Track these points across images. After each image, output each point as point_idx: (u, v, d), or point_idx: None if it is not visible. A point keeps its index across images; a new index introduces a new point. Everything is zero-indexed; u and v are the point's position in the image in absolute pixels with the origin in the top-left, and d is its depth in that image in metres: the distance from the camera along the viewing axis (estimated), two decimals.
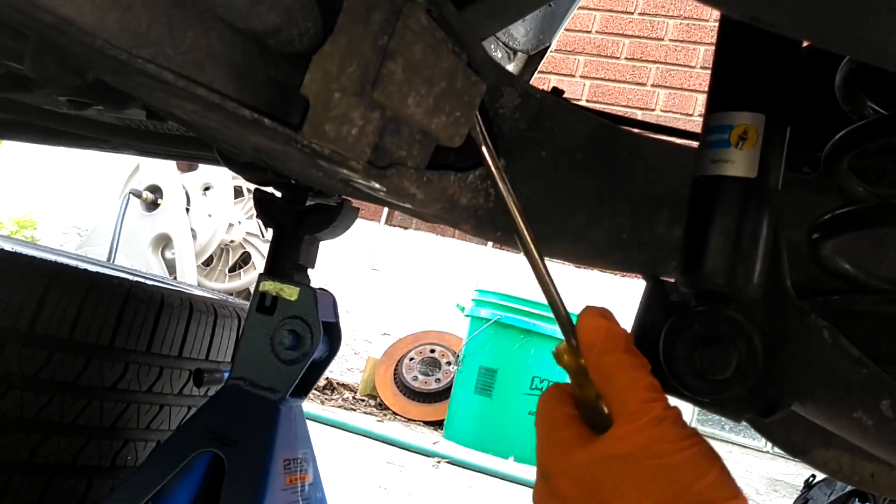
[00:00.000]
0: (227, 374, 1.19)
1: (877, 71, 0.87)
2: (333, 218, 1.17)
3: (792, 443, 1.04)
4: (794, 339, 0.70)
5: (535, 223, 0.67)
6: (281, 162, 0.76)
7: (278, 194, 1.22)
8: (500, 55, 1.55)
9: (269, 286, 1.16)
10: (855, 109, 0.90)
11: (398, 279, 5.24)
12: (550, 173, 0.78)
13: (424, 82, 0.56)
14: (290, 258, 1.18)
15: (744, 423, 1.04)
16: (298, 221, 1.18)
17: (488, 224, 0.76)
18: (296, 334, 1.13)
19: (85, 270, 1.33)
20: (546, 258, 0.68)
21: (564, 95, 0.83)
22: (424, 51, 0.56)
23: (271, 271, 1.18)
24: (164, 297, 1.35)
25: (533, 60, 1.66)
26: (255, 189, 1.22)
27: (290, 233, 1.19)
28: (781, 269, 0.72)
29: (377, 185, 0.65)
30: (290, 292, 1.15)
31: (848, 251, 0.87)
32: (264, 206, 1.20)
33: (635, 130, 0.87)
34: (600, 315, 0.62)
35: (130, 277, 1.44)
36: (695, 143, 0.77)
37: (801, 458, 1.04)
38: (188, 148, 1.39)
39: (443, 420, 4.22)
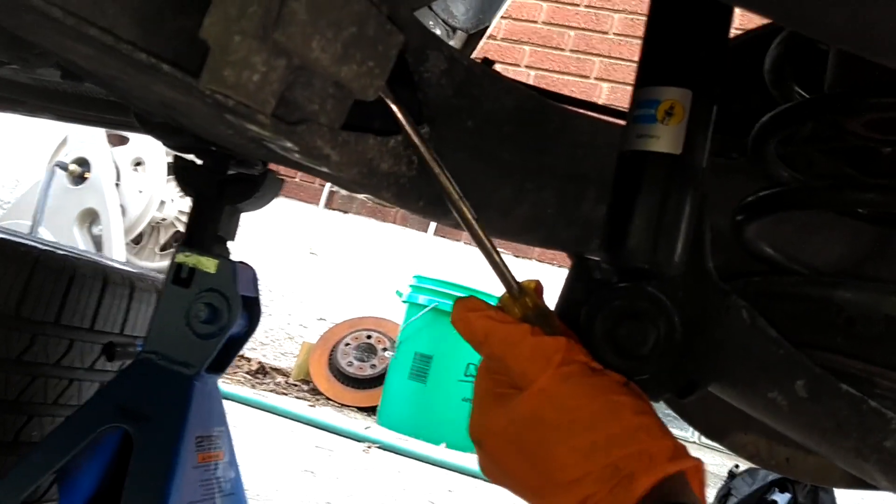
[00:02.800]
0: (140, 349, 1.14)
1: (804, 55, 0.87)
2: (256, 188, 1.12)
3: (711, 426, 1.05)
4: (713, 319, 0.70)
5: None
6: (188, 118, 0.72)
7: (200, 162, 1.17)
8: (439, 32, 1.53)
9: (187, 257, 1.11)
10: (783, 94, 0.90)
11: (336, 264, 5.17)
12: (476, 144, 0.76)
13: (331, 25, 0.53)
14: (209, 229, 1.14)
15: (670, 412, 1.05)
16: (219, 191, 1.13)
17: (411, 193, 0.74)
18: (213, 308, 1.08)
19: None
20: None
21: None
22: None
23: (189, 242, 1.13)
24: (76, 267, 1.29)
25: (472, 40, 1.64)
26: (176, 156, 1.17)
27: (210, 202, 1.14)
28: (704, 249, 0.71)
29: (288, 144, 0.62)
30: (209, 264, 1.10)
31: (772, 236, 0.88)
32: (184, 174, 1.15)
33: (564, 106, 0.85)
34: (466, 309, 0.62)
35: (40, 245, 1.37)
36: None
37: (720, 442, 1.05)
38: (106, 112, 1.32)
39: (376, 406, 4.19)
